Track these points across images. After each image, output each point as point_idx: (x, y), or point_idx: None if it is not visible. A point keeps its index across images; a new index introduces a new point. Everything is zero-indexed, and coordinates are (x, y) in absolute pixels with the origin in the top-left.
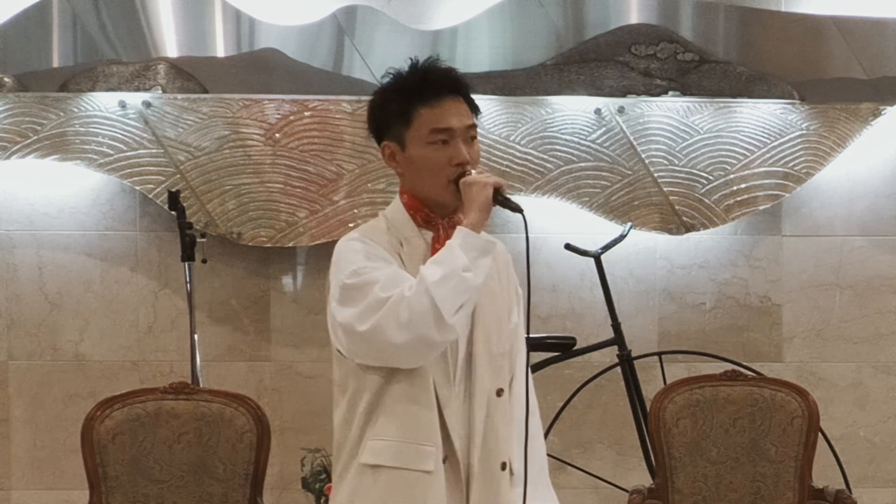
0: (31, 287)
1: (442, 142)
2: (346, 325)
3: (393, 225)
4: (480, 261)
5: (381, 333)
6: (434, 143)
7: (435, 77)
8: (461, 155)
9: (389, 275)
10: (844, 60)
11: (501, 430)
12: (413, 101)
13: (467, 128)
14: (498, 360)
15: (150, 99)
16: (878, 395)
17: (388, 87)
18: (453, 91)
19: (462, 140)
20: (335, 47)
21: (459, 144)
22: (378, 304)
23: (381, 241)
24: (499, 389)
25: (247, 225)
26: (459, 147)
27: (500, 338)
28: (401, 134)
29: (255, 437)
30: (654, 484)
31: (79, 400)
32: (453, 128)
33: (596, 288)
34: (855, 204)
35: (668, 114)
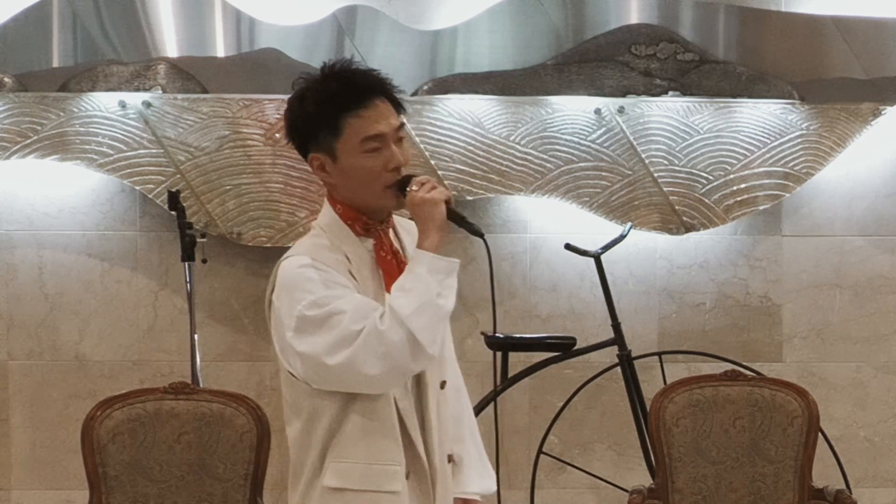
0: (31, 287)
1: (374, 149)
2: (311, 357)
3: (332, 239)
4: (447, 281)
5: (354, 366)
6: (367, 151)
7: (358, 82)
8: (395, 159)
9: (356, 305)
10: (844, 60)
11: (446, 422)
12: (340, 111)
13: (396, 129)
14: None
15: (150, 99)
16: (878, 395)
17: (306, 96)
18: (378, 93)
19: (395, 143)
20: (335, 47)
21: (392, 148)
22: (350, 336)
23: (329, 261)
24: (442, 382)
25: (247, 225)
26: (393, 151)
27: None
28: (330, 145)
29: (255, 437)
30: (654, 484)
31: (79, 400)
32: (384, 133)
33: (596, 288)
34: (855, 204)
35: (668, 114)
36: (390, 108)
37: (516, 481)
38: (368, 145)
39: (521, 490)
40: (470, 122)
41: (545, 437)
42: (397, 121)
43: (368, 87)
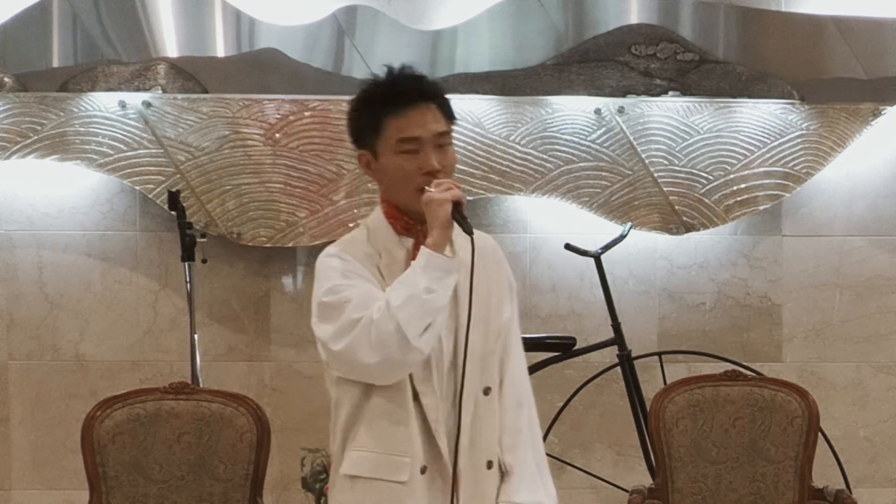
0: (31, 287)
1: (411, 151)
2: (323, 342)
3: (373, 234)
4: (445, 280)
5: (353, 354)
6: (403, 152)
7: (403, 86)
8: (429, 163)
9: (362, 294)
10: (844, 60)
11: (488, 428)
12: (381, 111)
13: (437, 135)
14: (487, 359)
15: (150, 99)
16: (878, 395)
17: (360, 96)
18: (422, 98)
19: (432, 147)
20: (335, 47)
21: (429, 153)
22: (350, 324)
23: (358, 253)
24: (486, 388)
25: (247, 225)
26: (428, 155)
27: (488, 336)
28: (373, 143)
29: (255, 437)
30: (654, 484)
31: (79, 400)
32: (420, 137)
33: (596, 288)
34: (855, 204)
35: (668, 114)
36: (437, 114)
37: None
38: (404, 146)
39: None
40: (470, 122)
41: (545, 437)
42: (440, 127)
43: (412, 91)
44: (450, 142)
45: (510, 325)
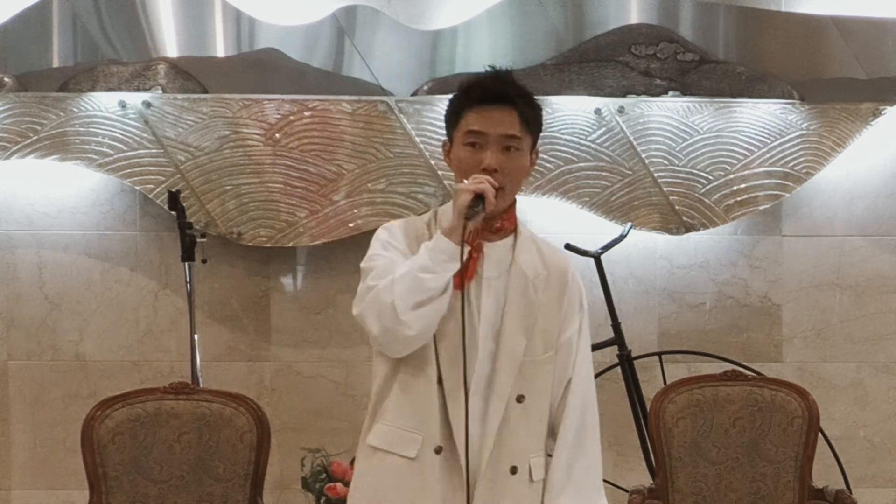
0: (31, 287)
1: (475, 144)
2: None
3: (440, 219)
4: (447, 264)
5: (363, 319)
6: (468, 144)
7: (488, 84)
8: (486, 160)
9: (384, 265)
10: (844, 60)
11: (517, 435)
12: (464, 104)
13: (504, 136)
14: (528, 368)
15: (150, 99)
16: (878, 395)
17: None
18: (502, 100)
19: (498, 148)
20: (335, 47)
21: (490, 150)
22: (366, 291)
23: (410, 232)
24: (520, 396)
25: (247, 225)
26: (488, 152)
27: (534, 347)
28: (451, 133)
29: (255, 437)
30: (654, 484)
31: (79, 400)
32: (485, 132)
33: (596, 288)
34: (855, 204)
35: (668, 114)
36: (513, 118)
37: None
38: (469, 139)
39: None
40: None
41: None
42: (510, 130)
43: (497, 91)
44: (520, 147)
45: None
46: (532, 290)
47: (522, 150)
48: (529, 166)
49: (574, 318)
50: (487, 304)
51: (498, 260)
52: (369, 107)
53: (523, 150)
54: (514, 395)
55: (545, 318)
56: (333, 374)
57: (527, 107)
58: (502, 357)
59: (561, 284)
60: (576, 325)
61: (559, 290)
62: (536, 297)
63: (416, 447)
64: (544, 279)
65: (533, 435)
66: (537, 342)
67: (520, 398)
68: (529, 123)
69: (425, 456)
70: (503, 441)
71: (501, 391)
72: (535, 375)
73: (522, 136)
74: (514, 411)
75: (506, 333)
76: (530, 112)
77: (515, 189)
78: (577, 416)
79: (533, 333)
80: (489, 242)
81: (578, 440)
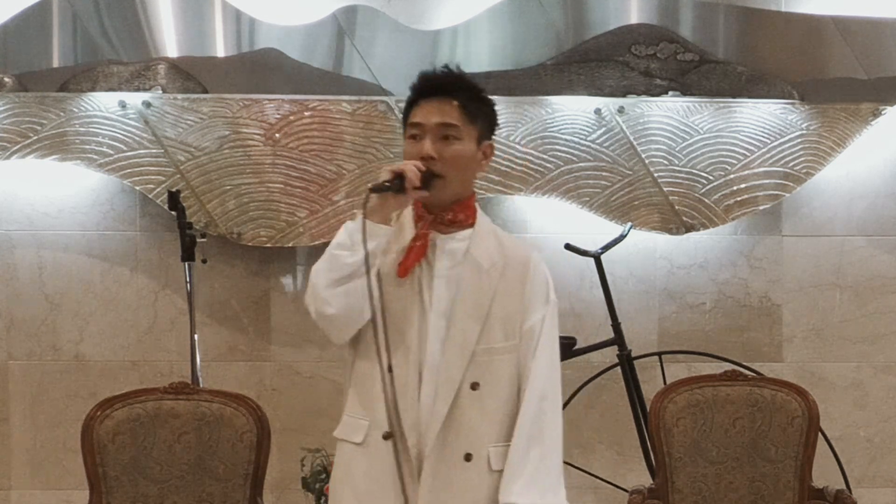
0: (31, 287)
1: (416, 136)
2: None
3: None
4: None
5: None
6: (410, 136)
7: (430, 78)
8: (423, 149)
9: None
10: (844, 60)
11: (470, 422)
12: (410, 101)
13: (440, 125)
14: (482, 356)
15: (150, 99)
16: (878, 395)
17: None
18: (441, 92)
19: (435, 137)
20: (335, 47)
21: (426, 140)
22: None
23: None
24: (473, 383)
25: (247, 225)
26: (425, 142)
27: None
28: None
29: (255, 437)
30: (654, 484)
31: (79, 400)
32: (423, 123)
33: (596, 288)
34: (855, 204)
35: (668, 114)
36: (452, 108)
37: None
38: (410, 131)
39: None
40: None
41: None
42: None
43: (436, 85)
44: (460, 136)
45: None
46: (486, 280)
47: (462, 139)
48: (481, 159)
49: (537, 308)
50: (439, 293)
51: (451, 252)
52: (369, 107)
53: (464, 139)
54: (468, 383)
55: (503, 307)
56: (333, 374)
57: (469, 99)
58: (452, 346)
59: (521, 274)
60: (539, 315)
61: (520, 279)
62: (491, 286)
63: (363, 433)
64: (501, 268)
65: (491, 423)
66: (495, 330)
67: (474, 385)
68: (472, 114)
69: (372, 441)
70: (454, 428)
71: (451, 378)
72: (492, 363)
73: (462, 125)
74: (468, 399)
75: (456, 321)
76: (473, 104)
77: (461, 179)
78: (535, 404)
79: (488, 322)
80: (443, 235)
81: (536, 428)
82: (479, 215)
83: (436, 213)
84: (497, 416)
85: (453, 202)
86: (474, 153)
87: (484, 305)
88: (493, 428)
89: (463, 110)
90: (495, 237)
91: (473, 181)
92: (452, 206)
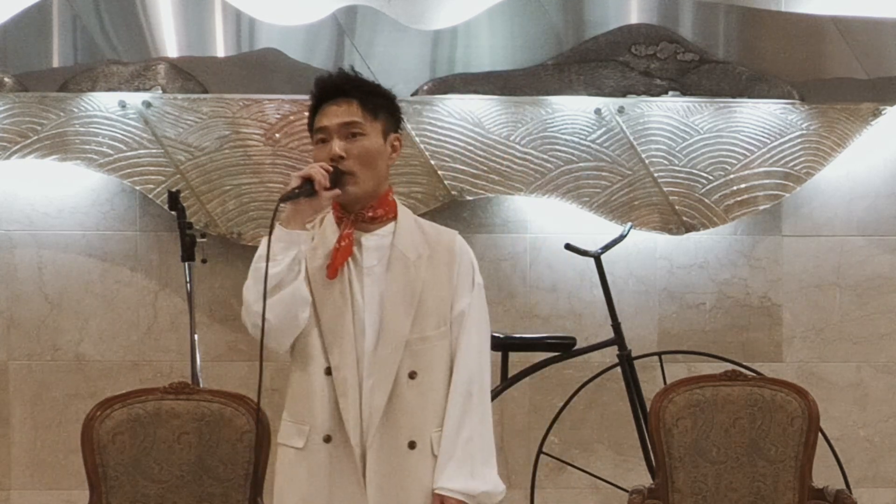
0: (31, 287)
1: (320, 140)
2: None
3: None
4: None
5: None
6: (317, 141)
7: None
8: (331, 149)
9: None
10: (844, 60)
11: (412, 410)
12: (313, 109)
13: (343, 124)
14: (417, 345)
15: (150, 99)
16: (878, 395)
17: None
18: (338, 94)
19: (340, 136)
20: (335, 47)
21: (333, 141)
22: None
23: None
24: (411, 372)
25: (247, 225)
26: (332, 143)
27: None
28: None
29: (255, 437)
30: (654, 484)
31: (79, 400)
32: (326, 126)
33: (596, 288)
34: (855, 204)
35: (668, 114)
36: (352, 108)
37: (516, 481)
38: (317, 136)
39: (521, 490)
40: (470, 122)
41: (545, 437)
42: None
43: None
44: (364, 132)
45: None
46: (413, 270)
47: (368, 134)
48: (390, 152)
49: (465, 293)
50: (370, 290)
51: (377, 247)
52: None
53: (369, 134)
54: (406, 372)
55: (432, 295)
56: None
57: (367, 95)
58: (385, 339)
59: (448, 260)
60: (466, 300)
61: (446, 266)
62: (419, 277)
63: (304, 437)
64: (427, 258)
65: (431, 409)
66: (427, 319)
67: (412, 374)
68: (372, 110)
69: (313, 445)
70: (395, 418)
71: (388, 371)
72: (428, 351)
73: (364, 121)
74: (406, 388)
75: (388, 315)
76: (372, 99)
77: (372, 174)
78: (463, 388)
79: (420, 311)
80: (366, 233)
81: (463, 411)
82: (399, 208)
83: (355, 212)
84: (437, 401)
85: (370, 198)
86: (381, 147)
87: (414, 295)
88: (434, 413)
89: (363, 107)
90: (418, 227)
91: (387, 176)
92: (370, 202)
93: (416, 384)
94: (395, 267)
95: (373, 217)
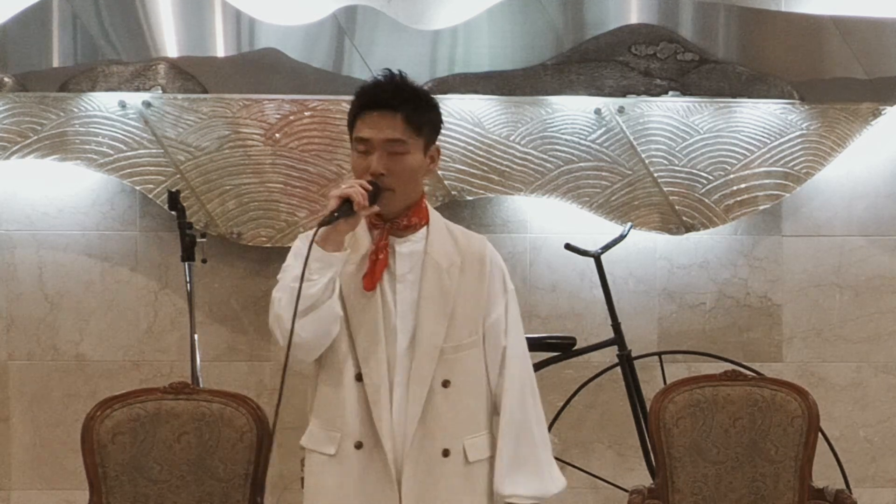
0: (31, 287)
1: (362, 151)
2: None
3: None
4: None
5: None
6: (357, 151)
7: (374, 91)
8: (371, 165)
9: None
10: (844, 60)
11: (445, 418)
12: (354, 111)
13: (387, 141)
14: (451, 353)
15: (150, 99)
16: (878, 395)
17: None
18: (387, 105)
19: (383, 153)
20: (335, 47)
21: (376, 155)
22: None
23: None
24: (445, 381)
25: (247, 225)
26: (373, 158)
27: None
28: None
29: (255, 437)
30: (654, 484)
31: (79, 400)
32: (369, 139)
33: (596, 288)
34: (855, 204)
35: (668, 114)
36: (397, 122)
37: None
38: (358, 146)
39: None
40: (470, 122)
41: None
42: (393, 134)
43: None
44: (406, 150)
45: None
46: (447, 279)
47: (410, 152)
48: (428, 164)
49: (499, 300)
50: (403, 298)
51: (410, 253)
52: None
53: (411, 151)
54: (440, 381)
55: (465, 304)
56: None
57: (413, 110)
58: (420, 347)
59: (479, 271)
60: (501, 307)
61: (477, 275)
62: (452, 285)
63: (335, 444)
64: (459, 267)
65: (465, 417)
66: (460, 328)
67: (445, 383)
68: (417, 126)
69: (345, 452)
70: (429, 426)
71: (422, 379)
72: (461, 360)
73: (408, 138)
74: (440, 396)
75: (422, 324)
76: (417, 115)
77: (411, 188)
78: (517, 393)
79: (453, 320)
80: (400, 238)
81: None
82: (430, 213)
83: (391, 221)
84: (469, 409)
85: (407, 209)
86: (422, 162)
87: (448, 304)
88: (467, 422)
89: (408, 123)
90: (449, 233)
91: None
92: (405, 211)
93: (450, 393)
94: (429, 275)
95: (407, 226)
